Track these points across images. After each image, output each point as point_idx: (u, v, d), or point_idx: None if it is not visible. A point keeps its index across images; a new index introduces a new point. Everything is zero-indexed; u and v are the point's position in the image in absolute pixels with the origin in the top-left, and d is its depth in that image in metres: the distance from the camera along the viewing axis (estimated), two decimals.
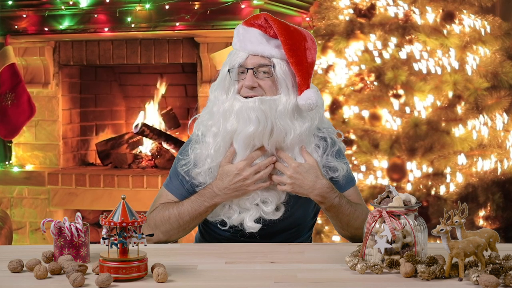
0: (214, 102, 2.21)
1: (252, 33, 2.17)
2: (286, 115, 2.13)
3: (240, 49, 2.18)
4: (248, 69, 2.15)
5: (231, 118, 2.14)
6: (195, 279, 1.75)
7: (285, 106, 2.13)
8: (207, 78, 4.93)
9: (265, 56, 2.15)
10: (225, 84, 2.19)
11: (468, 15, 4.56)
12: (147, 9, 4.84)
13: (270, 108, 2.12)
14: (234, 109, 2.14)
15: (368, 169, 4.54)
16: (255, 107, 2.11)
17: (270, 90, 2.15)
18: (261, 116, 2.11)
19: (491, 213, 4.50)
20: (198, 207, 2.16)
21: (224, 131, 2.15)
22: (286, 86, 2.14)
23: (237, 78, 2.17)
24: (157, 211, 2.23)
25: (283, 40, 2.12)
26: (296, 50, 2.13)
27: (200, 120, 2.26)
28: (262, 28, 2.17)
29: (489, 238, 1.78)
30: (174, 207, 2.20)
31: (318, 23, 4.63)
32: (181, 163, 2.24)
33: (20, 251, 2.07)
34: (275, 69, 2.14)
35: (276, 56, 2.14)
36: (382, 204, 1.84)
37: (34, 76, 5.29)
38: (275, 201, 2.17)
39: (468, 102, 4.49)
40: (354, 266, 1.80)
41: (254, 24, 2.18)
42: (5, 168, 5.33)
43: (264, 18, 2.16)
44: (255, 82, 2.15)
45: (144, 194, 5.00)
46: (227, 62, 2.20)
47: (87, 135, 5.62)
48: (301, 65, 2.13)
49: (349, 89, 4.58)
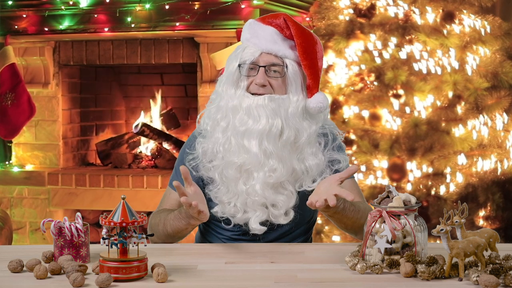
0: (222, 96, 2.20)
1: (268, 31, 2.18)
2: (296, 115, 2.15)
3: (253, 46, 2.18)
4: (260, 67, 2.16)
5: (239, 114, 2.15)
6: (195, 279, 1.75)
7: (296, 106, 2.15)
8: (207, 78, 4.93)
9: (278, 56, 2.17)
10: (234, 79, 2.19)
11: (468, 15, 4.56)
12: (147, 9, 4.84)
13: (279, 106, 2.14)
14: (243, 106, 2.15)
15: (368, 169, 4.54)
16: (264, 105, 2.13)
17: (279, 90, 2.17)
18: (271, 113, 2.13)
19: (491, 213, 4.50)
20: (178, 222, 2.14)
21: (233, 128, 2.15)
22: (296, 87, 2.17)
23: (247, 74, 2.18)
24: (156, 214, 2.24)
25: (299, 43, 2.14)
26: (310, 54, 2.16)
27: (206, 114, 2.25)
28: (279, 28, 2.18)
29: (489, 238, 1.78)
30: (164, 215, 2.19)
31: (318, 23, 4.63)
32: (188, 157, 2.23)
33: (20, 251, 2.07)
34: (287, 70, 2.16)
35: (289, 57, 2.17)
36: (382, 204, 1.84)
37: (34, 76, 5.29)
38: (285, 206, 2.17)
39: (468, 102, 4.49)
40: (354, 266, 1.80)
41: (272, 23, 2.19)
42: (5, 168, 5.33)
43: (284, 18, 2.18)
44: (266, 80, 2.16)
45: (144, 194, 5.00)
46: (237, 56, 2.20)
47: (87, 135, 5.62)
48: (313, 68, 2.16)
49: (349, 89, 4.58)
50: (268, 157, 2.14)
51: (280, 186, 2.16)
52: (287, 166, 2.14)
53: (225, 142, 2.17)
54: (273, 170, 2.13)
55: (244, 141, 2.14)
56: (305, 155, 2.17)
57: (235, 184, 2.16)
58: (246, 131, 2.14)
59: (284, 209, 2.16)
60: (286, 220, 2.17)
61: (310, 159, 2.17)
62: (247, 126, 2.13)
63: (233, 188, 2.16)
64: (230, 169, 2.15)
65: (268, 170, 2.13)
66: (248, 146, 2.14)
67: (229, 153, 2.16)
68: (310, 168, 2.17)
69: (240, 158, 2.14)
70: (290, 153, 2.16)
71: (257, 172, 2.14)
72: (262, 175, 2.13)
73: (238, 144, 2.15)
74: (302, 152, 2.17)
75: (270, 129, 2.13)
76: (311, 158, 2.18)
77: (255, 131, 2.13)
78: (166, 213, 2.20)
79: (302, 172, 2.17)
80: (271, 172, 2.13)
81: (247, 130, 2.13)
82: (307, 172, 2.17)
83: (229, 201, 2.18)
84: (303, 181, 2.18)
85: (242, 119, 2.14)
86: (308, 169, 2.17)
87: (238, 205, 2.16)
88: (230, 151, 2.16)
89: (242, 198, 2.16)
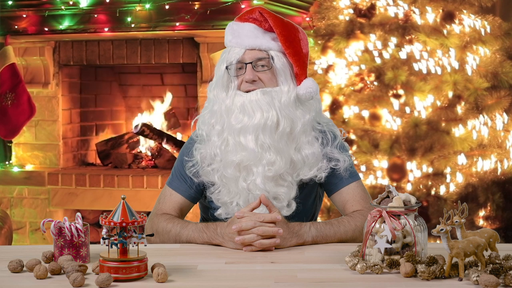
0: (214, 101, 2.22)
1: (248, 27, 2.20)
2: (290, 105, 2.16)
3: (236, 45, 2.20)
4: (247, 64, 2.17)
5: (234, 113, 2.15)
6: (195, 279, 1.75)
7: (288, 96, 2.16)
8: (207, 78, 4.93)
9: (262, 50, 2.18)
10: (224, 82, 2.20)
11: (468, 15, 4.56)
12: (147, 9, 4.84)
13: (273, 98, 2.15)
14: (237, 105, 2.16)
15: (368, 169, 4.54)
16: (257, 99, 2.14)
17: (270, 82, 2.18)
18: (265, 107, 2.14)
19: (491, 213, 4.50)
20: (197, 237, 2.13)
21: (229, 127, 2.16)
22: (285, 77, 2.18)
23: (235, 74, 2.19)
24: (163, 219, 2.21)
25: (279, 32, 2.16)
26: (292, 42, 2.17)
27: (201, 120, 2.26)
28: (257, 22, 2.20)
29: (489, 238, 1.78)
30: (178, 225, 2.17)
31: (318, 23, 4.63)
32: (188, 165, 2.23)
33: (20, 251, 2.07)
34: (274, 61, 2.17)
35: (273, 49, 2.18)
36: (382, 204, 1.84)
37: (34, 76, 5.29)
38: (287, 197, 2.17)
39: (468, 102, 4.49)
40: (354, 266, 1.79)
41: (249, 19, 2.21)
42: (5, 168, 5.33)
43: (259, 12, 2.20)
44: (255, 75, 2.17)
45: (144, 194, 5.00)
46: (223, 60, 2.22)
47: (87, 135, 5.62)
48: (297, 56, 2.17)
49: (349, 89, 4.58)
50: (266, 151, 2.14)
51: (280, 178, 2.16)
52: (285, 157, 2.15)
53: (221, 143, 2.18)
54: (272, 163, 2.14)
55: (241, 138, 2.15)
56: (301, 145, 2.18)
57: (236, 184, 2.16)
58: (242, 128, 2.14)
59: (286, 201, 2.17)
60: (289, 211, 2.18)
61: (306, 148, 2.18)
62: (242, 123, 2.14)
63: (234, 188, 2.17)
64: (229, 168, 2.16)
65: (266, 164, 2.14)
66: (244, 143, 2.14)
67: (227, 153, 2.17)
68: (306, 157, 2.18)
69: (238, 156, 2.15)
70: (287, 144, 2.16)
71: (256, 167, 2.15)
72: (261, 169, 2.14)
73: (235, 142, 2.16)
74: (298, 142, 2.18)
75: (265, 123, 2.13)
76: (307, 147, 2.18)
77: (251, 127, 2.13)
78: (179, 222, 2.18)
79: (299, 162, 2.18)
80: (269, 166, 2.14)
81: (243, 127, 2.14)
82: (303, 161, 2.18)
83: (231, 201, 2.18)
84: (300, 170, 2.19)
85: (237, 117, 2.15)
86: (305, 158, 2.18)
87: (240, 203, 2.17)
88: (228, 151, 2.17)
89: (244, 196, 2.16)
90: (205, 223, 2.17)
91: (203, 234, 2.12)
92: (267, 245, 2.02)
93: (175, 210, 2.26)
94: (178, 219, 2.22)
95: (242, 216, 2.04)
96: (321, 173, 2.20)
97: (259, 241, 2.02)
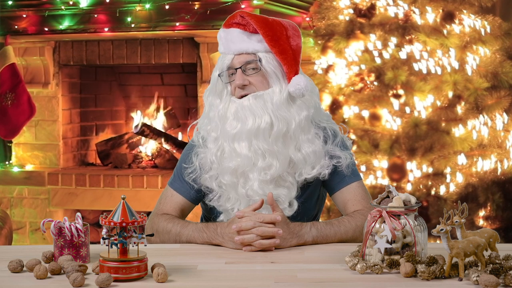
0: (210, 108, 2.23)
1: (233, 33, 2.20)
2: (282, 105, 2.15)
3: (226, 52, 2.21)
4: (237, 69, 2.17)
5: (229, 120, 2.16)
6: (195, 279, 1.75)
7: (280, 96, 2.15)
8: (207, 78, 4.93)
9: (250, 53, 2.17)
10: (218, 89, 2.22)
11: (468, 15, 4.56)
12: (147, 9, 4.84)
13: (265, 102, 2.14)
14: (231, 111, 2.16)
15: (368, 169, 4.54)
16: (249, 105, 2.14)
17: (262, 85, 2.17)
18: (258, 111, 2.13)
19: (491, 213, 4.50)
20: (197, 237, 2.13)
21: (224, 133, 2.16)
22: (277, 77, 2.17)
23: (228, 80, 2.20)
24: (163, 219, 2.21)
25: (263, 32, 2.15)
26: (278, 40, 2.15)
27: (199, 125, 2.28)
28: (241, 26, 2.19)
29: (489, 238, 1.78)
30: (178, 224, 2.17)
31: (318, 23, 4.63)
32: (187, 171, 2.24)
33: (20, 251, 2.07)
34: (261, 63, 2.16)
35: (261, 50, 2.17)
36: (382, 204, 1.84)
37: (34, 76, 5.29)
38: (287, 198, 2.17)
39: (468, 102, 4.49)
40: (354, 266, 1.79)
41: (232, 24, 2.21)
42: (5, 168, 5.33)
43: (240, 15, 2.20)
44: (245, 79, 2.17)
45: (144, 194, 5.00)
46: (216, 67, 2.23)
47: (87, 135, 5.62)
48: (285, 53, 2.16)
49: (349, 89, 4.58)
50: (260, 156, 2.14)
51: (280, 179, 2.16)
52: (283, 159, 2.14)
53: (217, 150, 2.18)
54: (268, 168, 2.14)
55: (235, 145, 2.15)
56: (301, 143, 2.17)
57: (235, 190, 2.17)
58: (235, 134, 2.15)
59: (287, 202, 2.17)
60: (291, 211, 2.18)
61: (307, 146, 2.17)
62: (236, 129, 2.15)
63: (234, 194, 2.17)
64: (226, 175, 2.16)
65: (262, 169, 2.13)
66: (239, 150, 2.15)
67: (223, 160, 2.17)
68: (307, 155, 2.17)
69: (233, 163, 2.15)
70: (284, 145, 2.16)
71: (252, 173, 2.15)
72: (257, 175, 2.14)
73: (230, 149, 2.16)
74: (298, 140, 2.17)
75: (258, 127, 2.13)
76: (307, 145, 2.17)
77: (244, 133, 2.13)
78: (179, 222, 2.18)
79: (300, 161, 2.17)
80: (266, 170, 2.14)
81: (237, 133, 2.15)
82: (305, 160, 2.17)
83: (232, 207, 2.19)
84: (302, 169, 2.18)
85: (231, 124, 2.16)
86: (306, 157, 2.17)
87: (242, 203, 2.17)
88: (223, 158, 2.17)
89: (244, 202, 2.16)
90: (205, 223, 2.17)
91: (203, 233, 2.12)
92: (266, 245, 2.02)
93: (176, 211, 2.26)
94: (178, 219, 2.22)
95: (242, 216, 2.04)
96: (324, 170, 2.20)
97: (259, 241, 2.02)
